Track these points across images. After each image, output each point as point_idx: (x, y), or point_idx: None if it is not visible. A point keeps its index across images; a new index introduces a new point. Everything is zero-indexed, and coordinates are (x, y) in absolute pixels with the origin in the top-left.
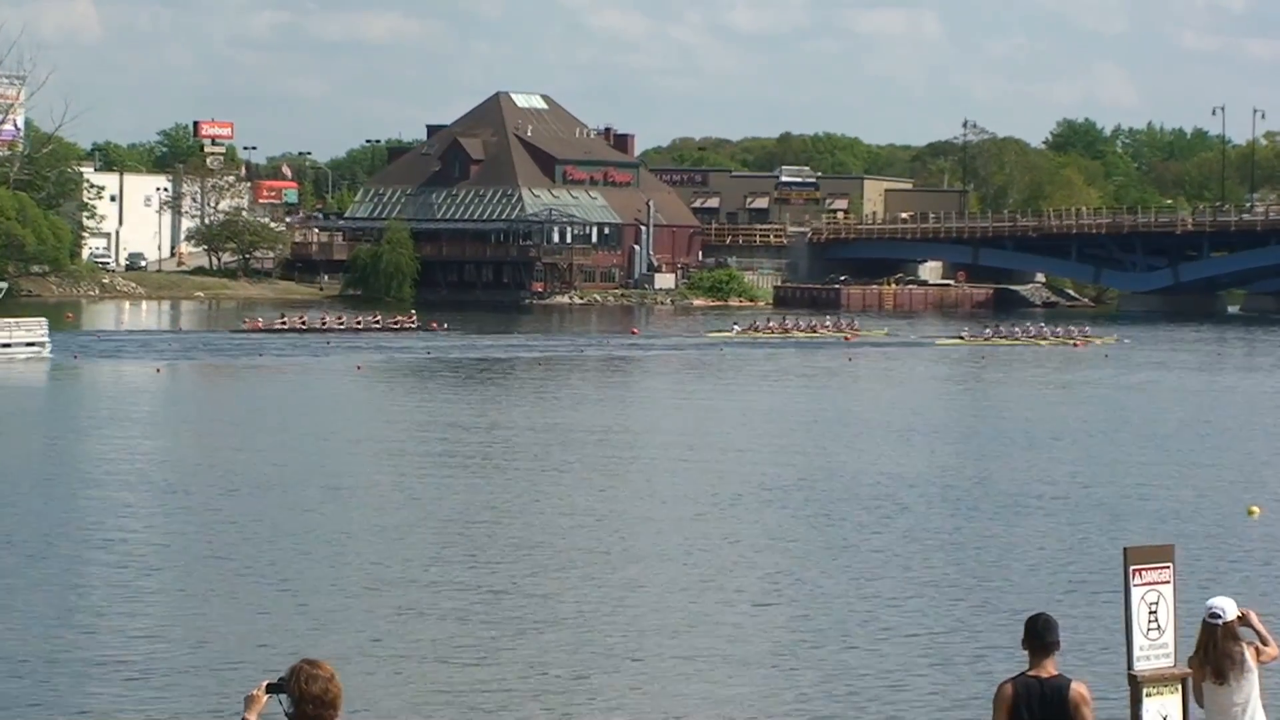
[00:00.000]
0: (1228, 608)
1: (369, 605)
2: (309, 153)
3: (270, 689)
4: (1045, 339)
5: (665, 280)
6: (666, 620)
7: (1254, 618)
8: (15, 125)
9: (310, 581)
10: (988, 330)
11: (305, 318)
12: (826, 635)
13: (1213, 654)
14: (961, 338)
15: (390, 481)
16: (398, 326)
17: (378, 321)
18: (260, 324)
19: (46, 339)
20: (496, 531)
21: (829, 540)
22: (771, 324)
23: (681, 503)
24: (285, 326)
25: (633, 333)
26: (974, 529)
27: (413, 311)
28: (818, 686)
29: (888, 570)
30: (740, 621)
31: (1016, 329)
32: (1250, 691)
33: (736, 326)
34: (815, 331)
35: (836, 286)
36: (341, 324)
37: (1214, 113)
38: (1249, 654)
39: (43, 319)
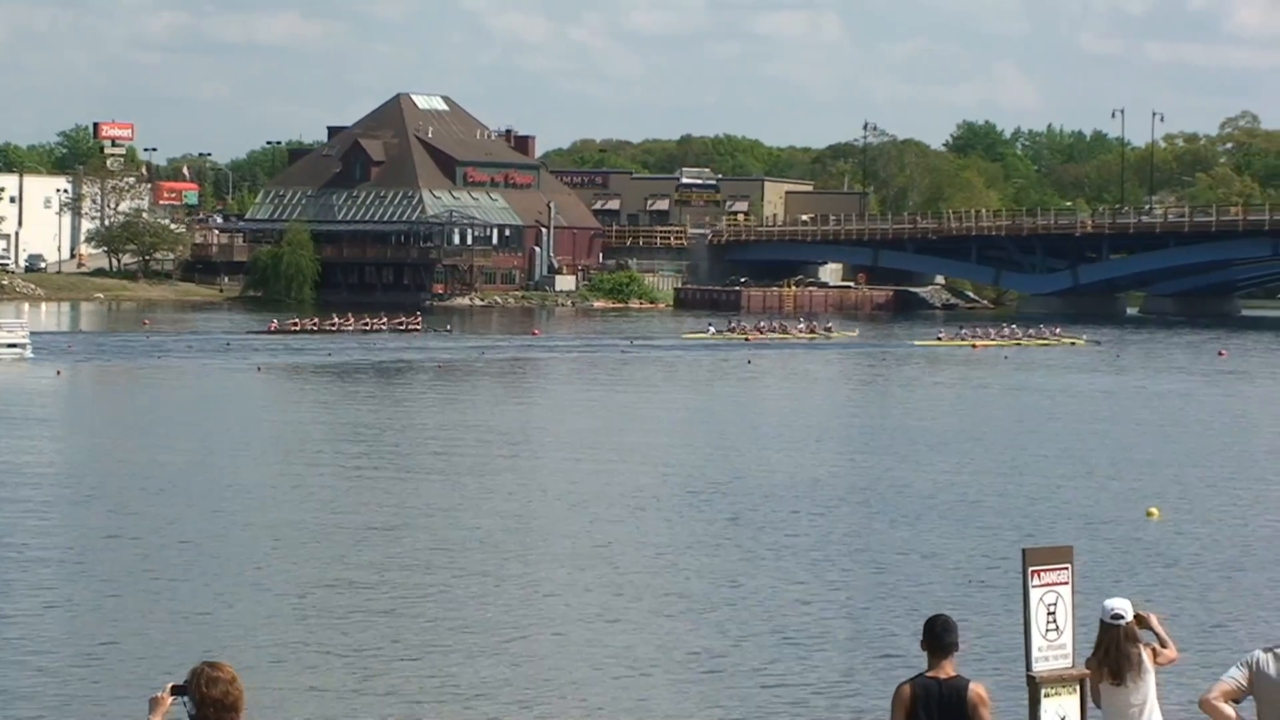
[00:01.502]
0: (1127, 609)
1: (273, 608)
2: (209, 154)
3: (175, 691)
4: (1020, 339)
5: (566, 282)
6: (573, 622)
7: (1154, 620)
8: None
9: (214, 584)
10: (964, 331)
11: (315, 320)
12: (730, 636)
13: (1111, 655)
14: (939, 338)
15: (294, 484)
16: (403, 328)
17: (384, 323)
18: (275, 325)
19: (28, 340)
20: (403, 534)
21: (734, 542)
22: (745, 326)
23: (592, 504)
24: (297, 328)
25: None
26: (875, 530)
27: (418, 313)
28: (721, 687)
29: (790, 572)
30: (646, 623)
31: (992, 330)
32: (1147, 693)
33: (712, 328)
34: (788, 333)
35: (737, 289)
36: (350, 325)
37: (1113, 115)
38: (1146, 656)
39: (24, 319)
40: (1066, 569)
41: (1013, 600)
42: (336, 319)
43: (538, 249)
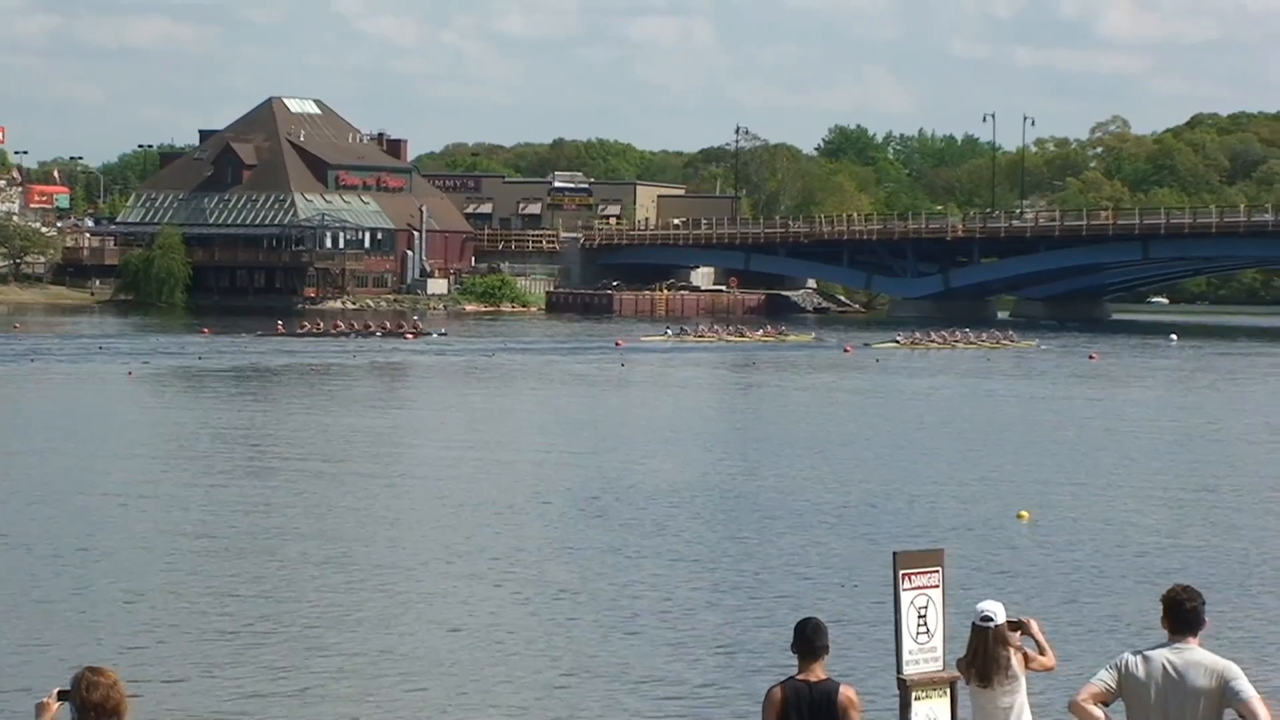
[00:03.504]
0: (996, 611)
1: (152, 613)
2: (81, 157)
3: (61, 696)
4: (973, 343)
5: (438, 286)
6: (442, 625)
7: (1034, 627)
8: None
9: (92, 590)
10: (917, 334)
11: (320, 322)
12: (599, 641)
13: (980, 657)
14: (897, 341)
15: (166, 489)
16: (401, 331)
17: (375, 328)
18: (281, 328)
19: None
20: (281, 540)
21: (604, 546)
22: (702, 329)
23: (467, 509)
24: (305, 330)
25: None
26: (747, 533)
27: (416, 320)
28: (590, 692)
29: (662, 575)
30: (513, 626)
31: (944, 334)
32: (1016, 698)
33: (669, 331)
34: (745, 336)
35: (609, 293)
36: (354, 329)
37: (984, 119)
38: (1015, 660)
39: None
40: (937, 572)
41: (884, 603)
42: (340, 323)
43: (410, 253)
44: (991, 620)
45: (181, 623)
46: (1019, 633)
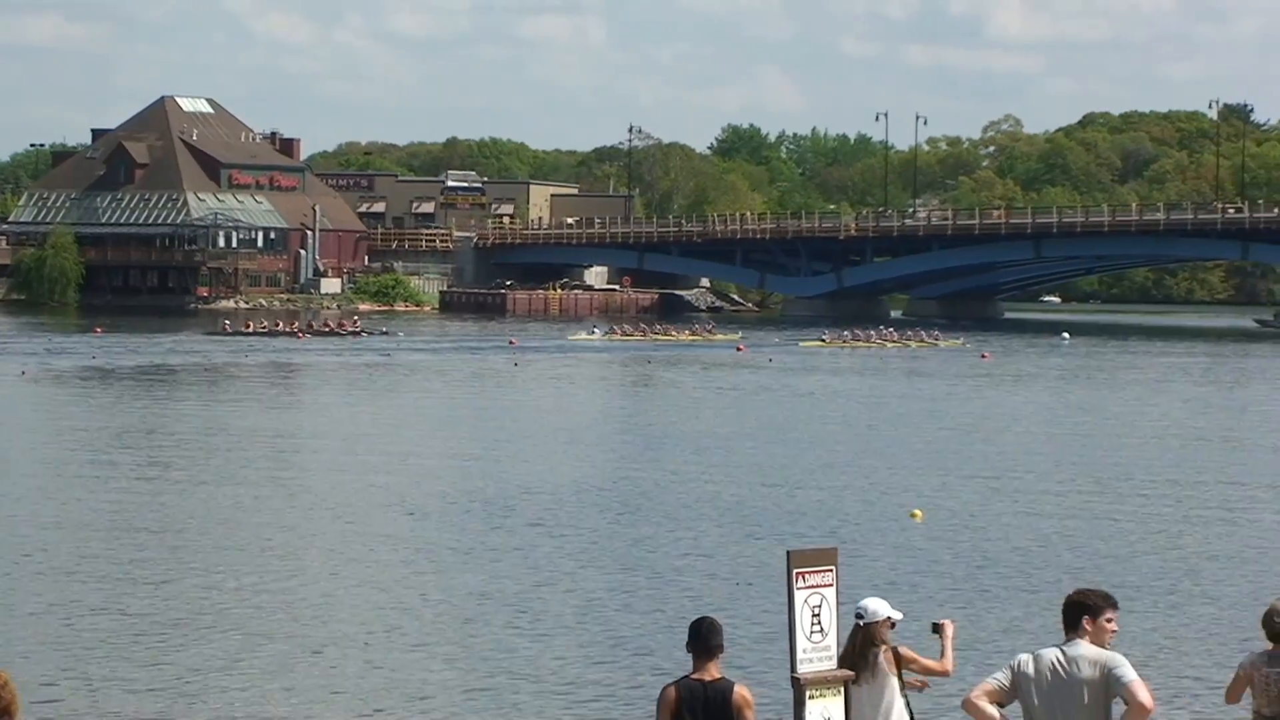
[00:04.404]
0: (871, 608)
1: (43, 613)
2: None
3: None
4: (898, 341)
5: (331, 285)
6: (328, 627)
7: (948, 631)
8: None
9: None
10: (845, 333)
11: (265, 321)
12: (491, 642)
13: (849, 654)
14: (823, 339)
15: (54, 490)
16: (346, 331)
17: (360, 328)
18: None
19: None
20: (168, 540)
21: (501, 546)
22: (629, 329)
23: (352, 512)
24: (249, 330)
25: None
26: (640, 533)
27: (356, 318)
28: (480, 694)
29: (555, 575)
30: (402, 626)
31: (872, 332)
32: (883, 694)
33: (597, 330)
34: (669, 334)
35: (503, 292)
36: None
37: (877, 119)
38: (884, 659)
39: None
40: (831, 571)
41: (779, 602)
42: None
43: (303, 252)
44: (861, 617)
45: (76, 623)
46: (938, 634)
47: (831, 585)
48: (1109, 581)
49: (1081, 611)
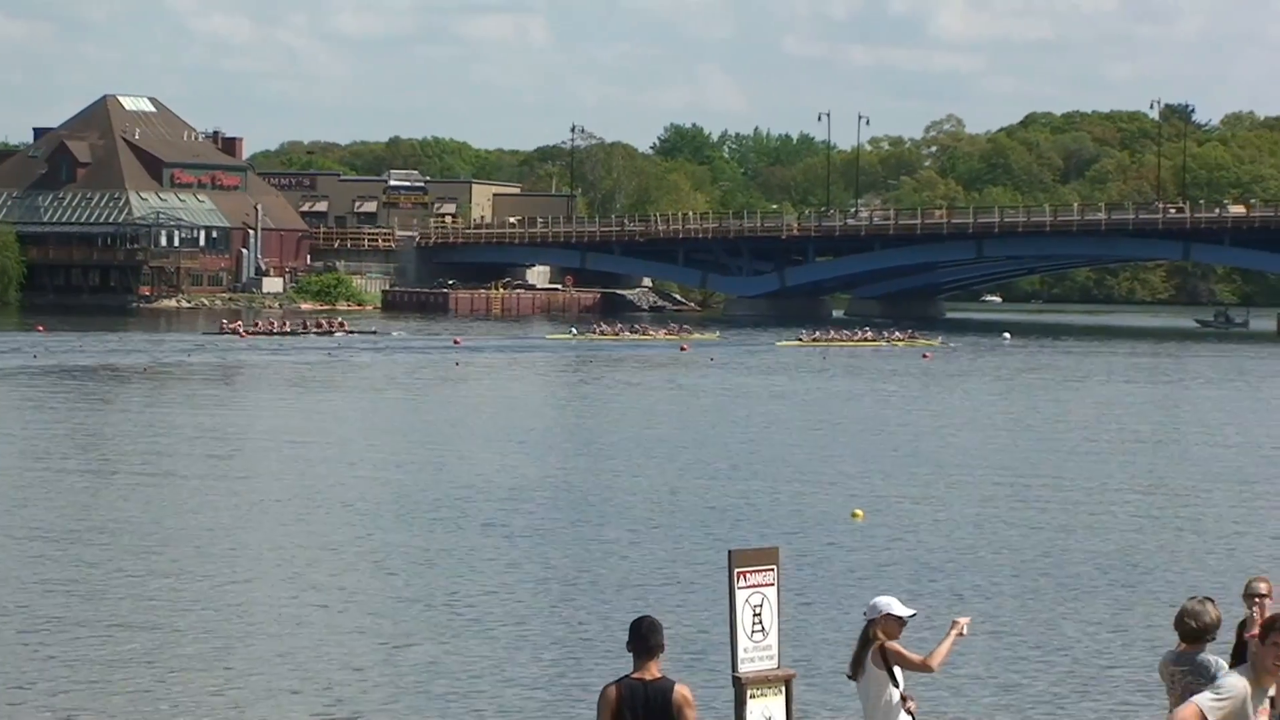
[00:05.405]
0: (876, 605)
1: None
2: None
3: None
4: (874, 340)
5: (273, 284)
6: (269, 628)
7: (954, 630)
8: None
9: None
10: (818, 332)
11: (259, 321)
12: (432, 641)
13: (856, 650)
14: (800, 339)
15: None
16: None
17: (343, 328)
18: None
19: None
20: (106, 542)
21: (440, 546)
22: (604, 328)
23: (292, 509)
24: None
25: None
26: (581, 532)
27: (341, 320)
28: (422, 693)
29: (496, 574)
30: (342, 626)
31: (847, 331)
32: (870, 690)
33: (574, 330)
34: (647, 334)
35: (445, 291)
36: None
37: (819, 118)
38: (870, 656)
39: None
40: (772, 570)
41: (720, 602)
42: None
43: (245, 251)
44: (867, 614)
45: (11, 620)
46: (955, 632)
47: (773, 585)
48: (1049, 578)
49: None
